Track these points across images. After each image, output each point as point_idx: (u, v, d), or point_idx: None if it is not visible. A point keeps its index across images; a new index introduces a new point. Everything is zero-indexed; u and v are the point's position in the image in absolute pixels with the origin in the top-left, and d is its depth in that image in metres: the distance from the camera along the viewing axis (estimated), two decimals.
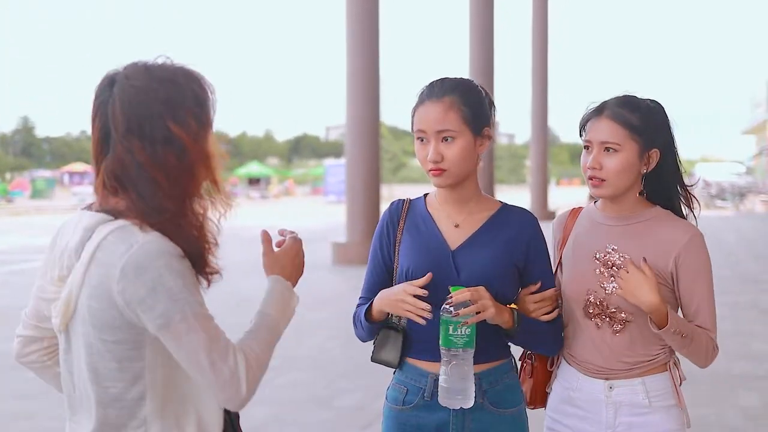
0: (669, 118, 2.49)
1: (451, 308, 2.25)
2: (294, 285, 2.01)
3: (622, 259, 2.43)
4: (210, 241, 1.82)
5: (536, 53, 27.02)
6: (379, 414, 5.58)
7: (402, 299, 2.31)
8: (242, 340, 1.81)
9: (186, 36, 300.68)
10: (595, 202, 2.59)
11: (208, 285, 1.82)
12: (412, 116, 2.41)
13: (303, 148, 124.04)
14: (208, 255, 1.81)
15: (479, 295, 2.28)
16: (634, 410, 2.45)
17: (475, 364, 2.34)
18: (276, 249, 2.04)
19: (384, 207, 14.30)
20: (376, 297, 2.42)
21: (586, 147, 2.47)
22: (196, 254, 1.77)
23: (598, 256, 2.48)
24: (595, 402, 2.49)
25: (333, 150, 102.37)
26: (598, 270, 2.47)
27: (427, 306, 2.28)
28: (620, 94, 2.49)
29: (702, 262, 2.43)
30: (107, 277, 1.71)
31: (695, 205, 2.53)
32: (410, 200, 2.54)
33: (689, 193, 2.53)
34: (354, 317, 2.51)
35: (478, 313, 2.26)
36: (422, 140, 2.38)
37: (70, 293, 1.76)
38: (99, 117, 1.80)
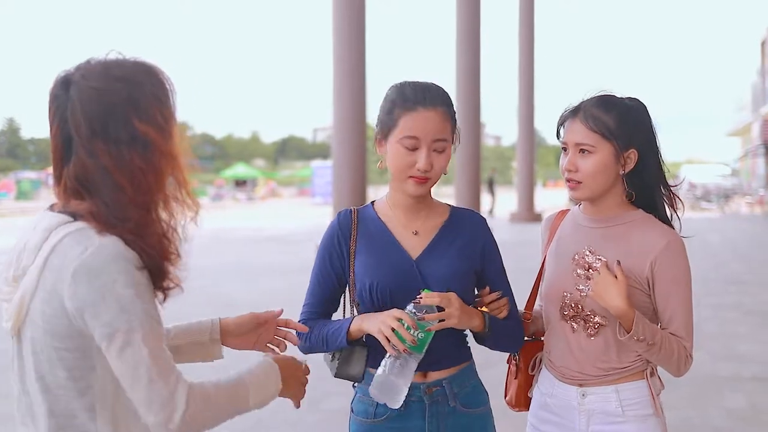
0: (649, 117, 2.43)
1: (414, 310, 2.22)
2: (282, 392, 1.94)
3: (598, 261, 2.40)
4: (172, 252, 1.74)
5: (523, 55, 27.04)
6: None
7: (389, 324, 2.22)
8: (200, 382, 1.72)
9: (173, 37, 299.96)
10: (579, 204, 2.57)
11: (165, 299, 1.76)
12: (396, 120, 2.33)
13: (290, 149, 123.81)
14: (168, 266, 1.74)
15: (449, 302, 2.24)
16: (607, 419, 2.41)
17: (442, 369, 2.36)
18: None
19: None
20: (357, 318, 2.35)
21: (564, 149, 2.44)
22: (155, 265, 1.70)
23: (576, 257, 2.46)
24: (569, 409, 2.46)
25: (320, 152, 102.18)
26: (575, 272, 2.45)
27: (403, 344, 2.20)
28: (596, 93, 2.43)
29: (679, 269, 2.37)
30: (59, 282, 1.64)
31: (679, 205, 2.48)
32: (357, 209, 2.48)
33: (673, 193, 2.47)
34: (319, 332, 2.40)
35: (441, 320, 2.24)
36: (409, 147, 2.32)
37: (23, 297, 1.69)
38: (57, 121, 1.73)
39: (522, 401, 2.62)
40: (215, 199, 53.33)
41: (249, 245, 19.87)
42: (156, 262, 1.70)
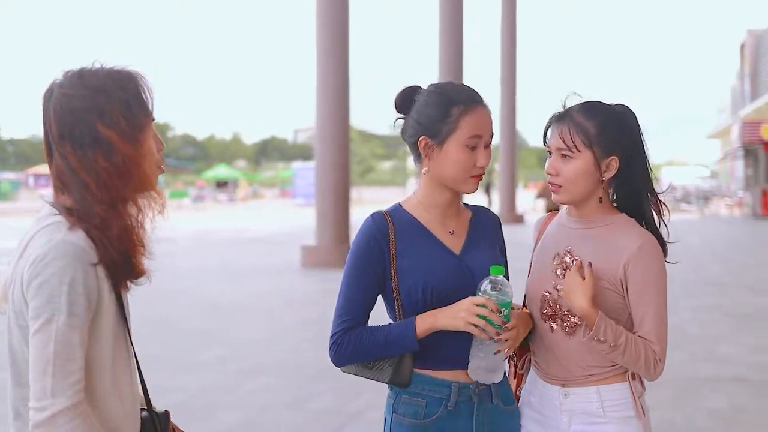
0: (637, 123, 2.45)
1: (490, 287, 2.27)
2: None
3: (574, 261, 2.43)
4: (137, 244, 1.90)
5: (505, 57, 27.15)
6: (351, 416, 5.54)
7: (474, 312, 2.24)
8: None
9: (155, 39, 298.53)
10: (557, 208, 2.60)
11: (131, 284, 1.91)
12: (456, 122, 2.34)
13: (271, 150, 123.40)
14: (135, 257, 1.89)
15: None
16: (588, 419, 2.43)
17: None
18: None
19: (354, 210, 14.05)
20: (422, 317, 2.31)
21: (549, 153, 2.48)
22: (120, 257, 1.85)
23: (556, 258, 2.49)
24: (551, 408, 2.49)
25: (301, 153, 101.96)
26: (555, 272, 2.47)
27: (495, 328, 2.25)
28: (584, 99, 2.46)
29: (651, 272, 2.38)
30: (24, 265, 1.81)
31: (665, 212, 2.50)
32: (388, 212, 2.44)
33: (659, 200, 2.49)
34: (369, 341, 2.34)
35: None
36: (472, 146, 2.35)
37: (6, 279, 1.89)
38: (43, 125, 1.91)
39: (516, 400, 2.65)
40: (196, 201, 53.15)
41: (233, 247, 19.82)
42: (120, 254, 1.85)
